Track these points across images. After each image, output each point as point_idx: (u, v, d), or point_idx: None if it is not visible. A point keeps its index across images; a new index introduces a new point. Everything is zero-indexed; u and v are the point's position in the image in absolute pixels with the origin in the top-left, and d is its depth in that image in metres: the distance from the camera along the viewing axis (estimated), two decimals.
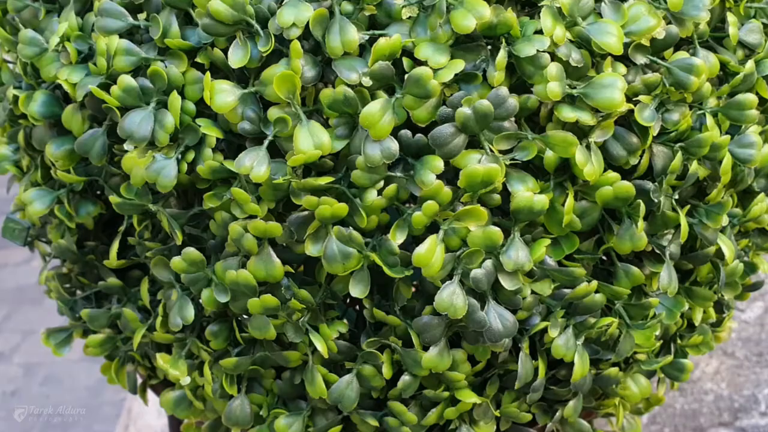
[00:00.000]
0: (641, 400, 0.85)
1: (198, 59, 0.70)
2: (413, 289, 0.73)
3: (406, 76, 0.66)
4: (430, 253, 0.67)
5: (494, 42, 0.67)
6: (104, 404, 2.78)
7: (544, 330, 0.73)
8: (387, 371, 0.74)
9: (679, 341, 0.83)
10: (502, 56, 0.64)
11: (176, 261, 0.72)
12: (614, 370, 0.78)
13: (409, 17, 0.66)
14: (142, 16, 0.72)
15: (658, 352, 0.82)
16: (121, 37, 0.71)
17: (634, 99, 0.69)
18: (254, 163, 0.67)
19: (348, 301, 0.79)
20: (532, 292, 0.72)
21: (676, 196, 0.73)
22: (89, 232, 0.87)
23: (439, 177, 0.67)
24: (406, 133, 0.67)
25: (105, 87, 0.71)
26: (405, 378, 0.74)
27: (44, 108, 0.77)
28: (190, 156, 0.70)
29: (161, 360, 0.77)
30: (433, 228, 0.69)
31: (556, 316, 0.73)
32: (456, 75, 0.65)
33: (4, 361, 3.06)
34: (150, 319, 0.81)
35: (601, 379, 0.78)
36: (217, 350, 0.78)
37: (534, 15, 0.68)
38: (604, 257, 0.76)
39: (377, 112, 0.65)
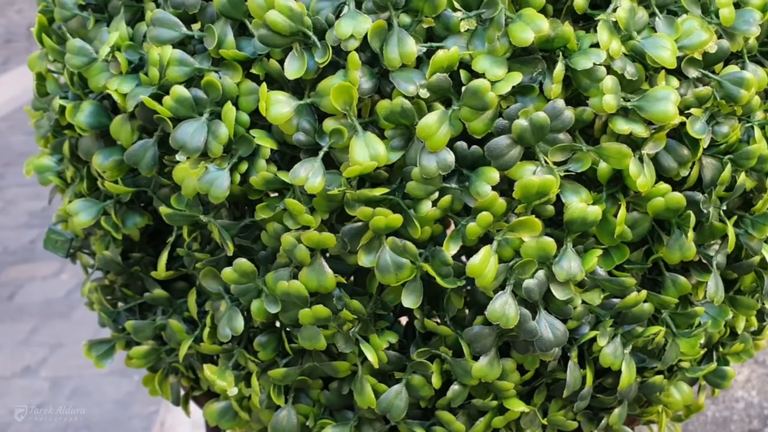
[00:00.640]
0: (682, 408, 0.83)
1: (253, 70, 0.67)
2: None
3: (463, 88, 0.64)
4: (484, 263, 0.64)
5: (550, 55, 0.65)
6: (133, 417, 2.75)
7: (592, 339, 0.71)
8: (437, 381, 0.71)
9: (721, 349, 0.81)
10: (559, 69, 0.62)
11: (228, 272, 0.69)
12: (659, 378, 0.76)
13: (467, 30, 0.64)
14: (195, 26, 0.69)
15: (701, 359, 0.80)
16: (174, 47, 0.68)
17: (685, 112, 0.67)
18: (309, 174, 0.64)
19: (397, 311, 0.76)
20: (582, 301, 0.70)
21: (724, 207, 0.71)
22: (134, 243, 0.84)
23: (493, 188, 0.64)
24: (461, 144, 0.65)
25: (156, 97, 0.69)
26: (454, 387, 0.71)
27: (92, 118, 0.75)
28: (243, 167, 0.68)
29: (208, 371, 0.75)
30: (485, 239, 0.66)
31: (604, 325, 0.71)
32: (513, 87, 0.62)
33: (31, 374, 3.03)
34: (196, 330, 0.78)
35: (645, 387, 0.76)
36: (265, 361, 0.75)
37: (589, 28, 0.66)
38: (649, 266, 0.73)
39: (434, 123, 0.63)
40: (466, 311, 0.72)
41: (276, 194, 0.70)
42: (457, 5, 0.64)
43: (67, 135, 0.81)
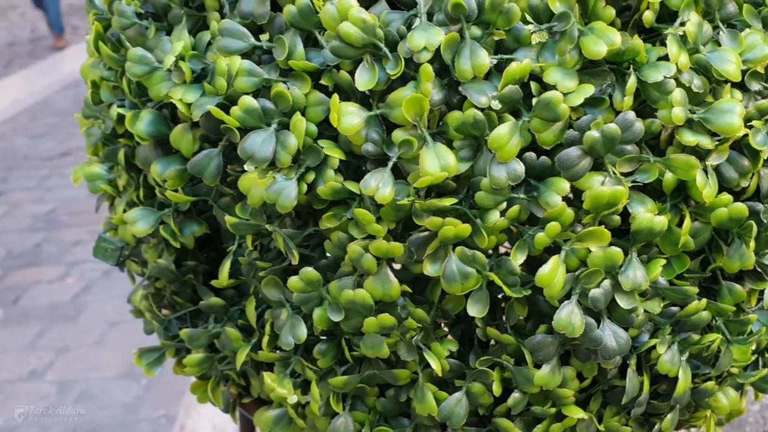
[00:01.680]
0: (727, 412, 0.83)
1: (322, 81, 0.67)
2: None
3: (534, 99, 0.63)
4: (553, 273, 0.64)
5: (617, 67, 0.65)
6: (141, 421, 2.73)
7: (650, 346, 0.71)
8: (497, 388, 0.71)
9: (766, 354, 0.81)
10: (632, 82, 0.62)
11: (294, 281, 0.69)
12: (711, 384, 0.76)
13: (538, 42, 0.63)
14: (263, 37, 0.69)
15: (749, 365, 0.80)
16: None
17: (747, 124, 0.67)
18: (380, 185, 0.64)
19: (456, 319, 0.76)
20: (644, 310, 0.69)
21: None
22: (185, 251, 0.84)
23: None
24: (530, 155, 0.64)
25: (222, 107, 0.68)
26: (515, 395, 0.71)
27: (151, 127, 0.74)
28: (310, 177, 0.68)
29: (269, 379, 0.74)
30: (548, 249, 0.66)
31: (663, 333, 0.71)
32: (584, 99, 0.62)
33: (37, 378, 3.00)
34: (252, 338, 0.78)
35: (697, 393, 0.77)
36: (323, 369, 0.75)
37: (654, 41, 0.66)
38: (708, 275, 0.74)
39: (506, 134, 0.63)
40: (523, 319, 0.71)
41: (340, 204, 0.70)
42: (528, 18, 0.64)
43: (121, 143, 0.81)
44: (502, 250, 0.71)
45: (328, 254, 0.72)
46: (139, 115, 0.75)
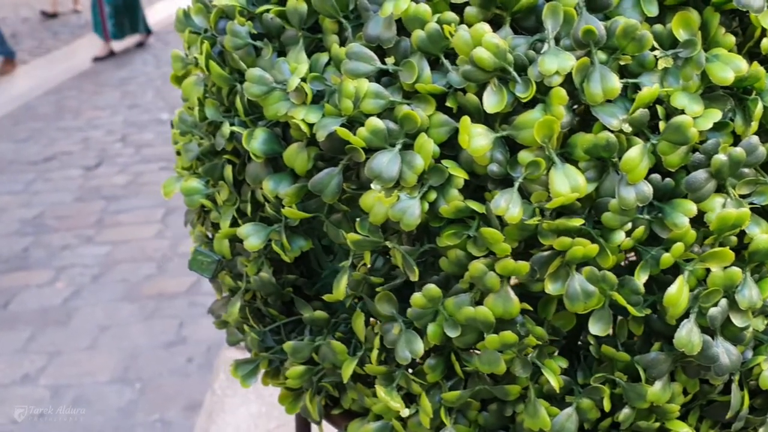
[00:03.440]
0: None
1: (448, 103, 0.68)
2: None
3: (661, 123, 0.65)
4: (680, 293, 0.66)
5: (735, 92, 0.66)
6: (137, 425, 2.72)
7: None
8: (607, 404, 0.72)
9: None
10: (760, 108, 0.64)
11: (417, 297, 0.70)
12: None
13: (664, 68, 0.65)
14: (389, 60, 0.70)
15: None
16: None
17: None
18: (509, 205, 0.65)
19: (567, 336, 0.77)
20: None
21: None
22: (281, 265, 0.84)
23: None
24: (656, 176, 0.66)
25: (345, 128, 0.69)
26: (625, 411, 0.73)
27: (265, 145, 0.75)
28: (432, 196, 0.68)
29: (382, 392, 0.75)
30: (668, 269, 0.67)
31: (766, 349, 0.72)
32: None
33: (30, 383, 2.96)
34: (358, 351, 0.78)
35: None
36: (430, 383, 0.75)
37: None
38: None
39: (636, 156, 0.64)
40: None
41: (458, 222, 0.70)
42: (655, 44, 0.66)
43: (223, 159, 0.81)
44: None
45: (441, 271, 0.72)
46: (253, 133, 0.75)
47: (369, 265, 0.75)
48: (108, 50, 7.52)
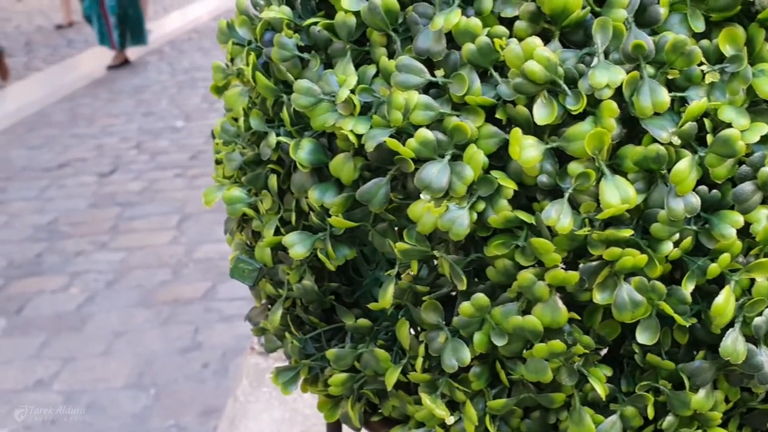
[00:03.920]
0: None
1: (497, 115, 0.69)
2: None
3: (708, 136, 0.66)
4: (726, 303, 0.66)
5: None
6: (151, 431, 2.71)
7: None
8: (651, 412, 0.73)
9: None
10: None
11: (465, 306, 0.71)
12: None
13: (710, 82, 0.66)
14: (438, 73, 0.71)
15: None
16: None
17: None
18: (560, 215, 0.65)
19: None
20: None
21: None
22: (322, 273, 0.85)
23: None
24: (703, 188, 0.66)
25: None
26: (669, 418, 0.73)
27: (312, 155, 0.76)
28: (480, 206, 0.69)
29: (427, 400, 0.75)
30: (713, 279, 0.68)
31: None
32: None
33: (43, 388, 2.97)
34: (402, 359, 0.79)
35: None
36: (474, 390, 0.76)
37: None
38: None
39: (686, 169, 0.65)
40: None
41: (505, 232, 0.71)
42: (702, 59, 0.67)
43: (267, 169, 0.82)
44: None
45: (487, 280, 0.73)
46: (300, 143, 0.76)
47: (415, 274, 0.75)
48: (123, 58, 7.55)
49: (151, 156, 5.20)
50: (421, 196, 0.69)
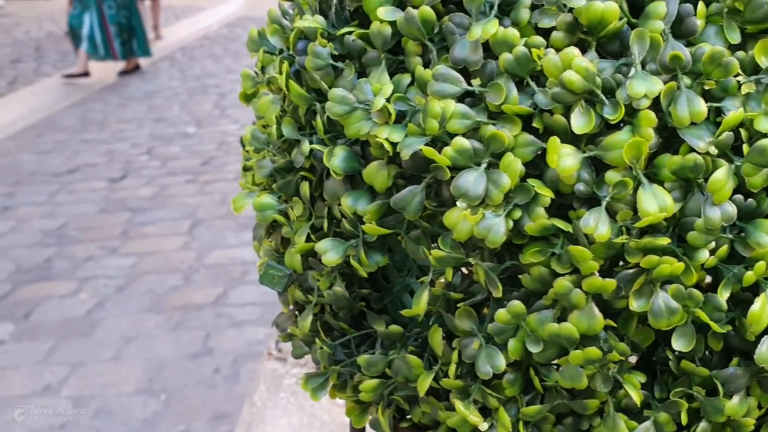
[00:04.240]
0: None
1: (534, 124, 0.69)
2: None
3: (745, 145, 0.66)
4: (763, 310, 0.67)
5: None
6: None
7: None
8: (684, 418, 0.73)
9: None
10: None
11: (501, 313, 0.71)
12: None
13: (746, 92, 0.66)
14: (474, 82, 0.71)
15: None
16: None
17: None
18: (598, 223, 0.66)
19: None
20: None
21: None
22: (352, 280, 0.85)
23: None
24: (739, 197, 0.67)
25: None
26: (702, 425, 0.74)
27: (345, 163, 0.76)
28: (516, 214, 0.70)
29: (461, 406, 0.76)
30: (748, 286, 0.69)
31: None
32: None
33: (51, 394, 2.97)
34: (433, 365, 0.79)
35: None
36: (508, 397, 0.77)
37: None
38: None
39: (723, 178, 0.65)
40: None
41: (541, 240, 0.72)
42: (738, 70, 0.67)
43: (299, 176, 0.83)
44: None
45: (521, 287, 0.74)
46: (333, 151, 0.76)
47: (449, 281, 0.76)
48: (134, 64, 7.56)
49: (162, 162, 5.21)
50: (458, 203, 0.70)
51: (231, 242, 3.87)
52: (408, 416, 0.90)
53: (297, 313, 0.95)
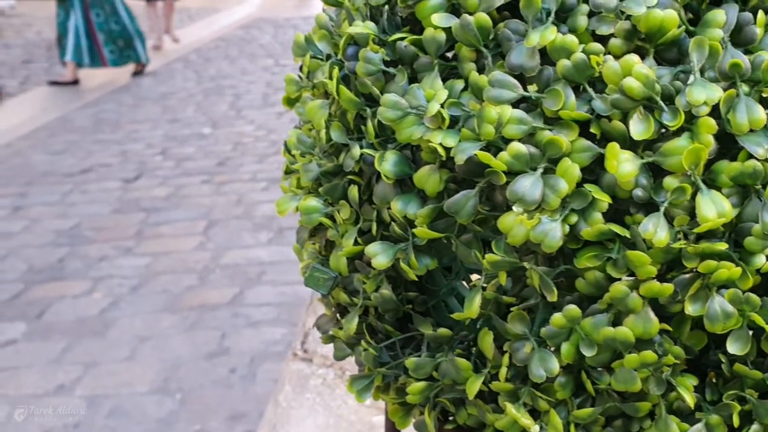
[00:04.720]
0: None
1: (591, 130, 0.69)
2: None
3: None
4: None
5: None
6: None
7: None
8: (736, 420, 0.73)
9: None
10: None
11: (557, 317, 0.72)
12: None
13: None
14: (531, 87, 0.71)
15: None
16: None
17: None
18: (657, 229, 0.66)
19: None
20: None
21: None
22: (397, 283, 0.86)
23: None
24: None
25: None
26: (755, 427, 0.74)
27: (396, 167, 0.77)
28: (572, 218, 0.70)
29: (512, 409, 0.76)
30: None
31: None
32: None
33: (65, 393, 2.96)
34: (481, 368, 0.80)
35: None
36: (558, 400, 0.77)
37: None
38: None
39: None
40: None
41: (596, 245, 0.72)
42: None
43: (346, 180, 0.83)
44: None
45: (574, 291, 0.74)
46: (384, 155, 0.77)
47: (502, 285, 0.76)
48: (140, 67, 7.56)
49: (176, 162, 5.21)
50: (513, 208, 0.70)
51: (247, 242, 3.87)
52: (451, 418, 0.91)
53: (339, 315, 0.96)
